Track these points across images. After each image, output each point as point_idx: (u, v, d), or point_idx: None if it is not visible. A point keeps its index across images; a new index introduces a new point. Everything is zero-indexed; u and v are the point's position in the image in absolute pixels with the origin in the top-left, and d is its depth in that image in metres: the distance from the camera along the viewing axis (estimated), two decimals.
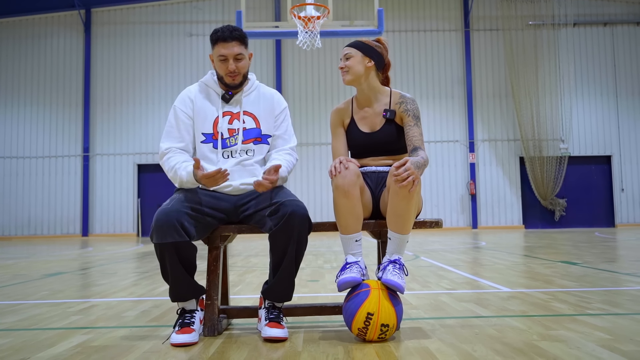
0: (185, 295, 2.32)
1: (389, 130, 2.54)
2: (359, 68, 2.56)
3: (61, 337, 2.40)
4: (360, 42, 2.61)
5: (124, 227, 17.28)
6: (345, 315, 2.22)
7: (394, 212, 2.25)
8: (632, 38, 18.11)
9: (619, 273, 4.40)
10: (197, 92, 2.53)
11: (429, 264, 5.62)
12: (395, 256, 2.28)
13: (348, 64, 2.57)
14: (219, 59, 2.42)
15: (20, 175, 17.56)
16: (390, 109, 2.56)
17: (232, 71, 2.42)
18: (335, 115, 2.68)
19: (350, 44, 2.61)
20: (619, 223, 17.42)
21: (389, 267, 2.24)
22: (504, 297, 3.28)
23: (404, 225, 2.26)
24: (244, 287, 4.02)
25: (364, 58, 2.56)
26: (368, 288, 2.19)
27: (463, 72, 17.87)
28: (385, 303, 2.15)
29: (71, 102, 17.77)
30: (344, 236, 2.33)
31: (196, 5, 18.12)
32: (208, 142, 2.47)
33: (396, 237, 2.28)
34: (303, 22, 9.02)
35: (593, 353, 1.94)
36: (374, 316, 2.12)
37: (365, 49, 2.58)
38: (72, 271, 5.57)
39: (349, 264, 2.29)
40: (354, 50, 2.58)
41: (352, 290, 2.25)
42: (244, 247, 9.30)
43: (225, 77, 2.45)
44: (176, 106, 2.51)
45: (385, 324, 2.14)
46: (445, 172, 17.53)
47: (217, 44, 2.41)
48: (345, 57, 2.59)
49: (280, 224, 2.22)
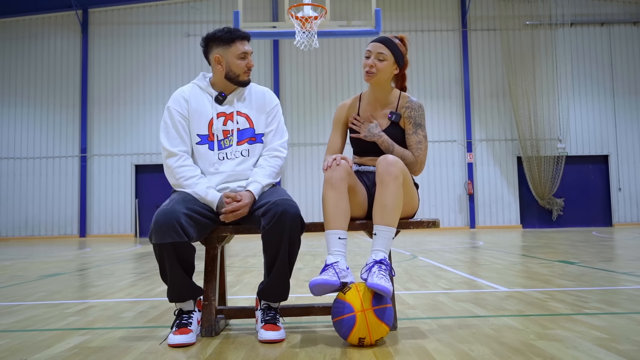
0: (183, 296, 2.32)
1: (393, 132, 2.54)
2: (387, 73, 2.52)
3: (58, 338, 2.40)
4: (394, 44, 2.51)
5: (121, 228, 17.26)
6: (336, 331, 2.18)
7: (379, 202, 2.23)
8: (629, 38, 18.15)
9: (616, 272, 4.41)
10: (190, 93, 2.52)
11: (427, 263, 5.63)
12: (380, 255, 2.18)
13: (380, 66, 2.48)
14: (239, 56, 2.45)
15: (18, 176, 17.53)
16: (396, 112, 2.55)
17: (250, 67, 2.48)
18: (340, 110, 2.68)
19: (386, 43, 2.49)
20: (616, 222, 17.46)
21: (374, 268, 2.14)
22: (501, 297, 3.28)
23: (390, 217, 2.20)
24: (242, 288, 4.02)
25: (394, 64, 2.52)
26: (353, 313, 2.07)
27: (460, 72, 17.89)
28: (373, 323, 2.08)
29: (68, 102, 17.75)
30: (328, 232, 2.26)
31: (193, 6, 18.11)
32: (203, 143, 2.47)
33: (381, 231, 2.21)
34: (300, 22, 9.02)
35: (590, 352, 1.95)
36: (365, 339, 2.10)
37: (397, 54, 2.51)
38: (70, 272, 5.56)
39: (327, 266, 2.17)
40: (388, 52, 2.49)
41: (337, 311, 2.12)
42: (242, 247, 9.29)
43: (243, 75, 2.48)
44: (170, 107, 2.49)
45: (379, 338, 2.14)
46: (443, 172, 17.55)
47: (235, 42, 2.44)
48: (377, 56, 2.49)
49: (272, 223, 2.22)
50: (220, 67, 2.48)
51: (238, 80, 2.49)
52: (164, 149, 2.45)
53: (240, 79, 2.49)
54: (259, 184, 2.40)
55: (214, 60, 2.48)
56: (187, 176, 2.39)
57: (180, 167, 2.41)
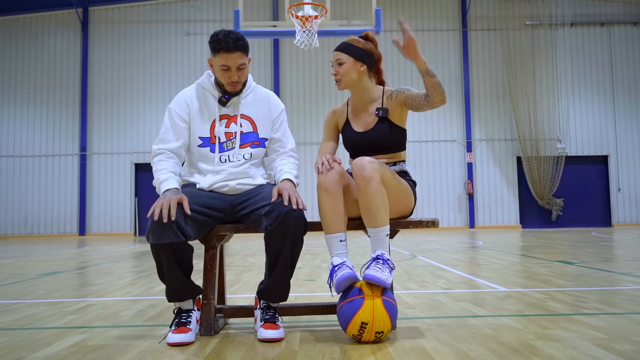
0: (182, 295, 2.32)
1: (382, 128, 2.54)
2: (352, 75, 2.54)
3: (57, 336, 2.40)
4: (350, 45, 2.55)
5: (121, 227, 17.26)
6: (339, 318, 2.21)
7: (362, 207, 2.27)
8: (629, 38, 18.15)
9: (615, 273, 4.42)
10: (193, 95, 2.50)
11: (426, 263, 5.63)
12: (378, 252, 2.25)
13: (341, 71, 2.53)
14: (221, 68, 2.38)
15: (17, 174, 17.52)
16: (382, 107, 2.56)
17: (234, 81, 2.40)
18: (330, 116, 2.72)
19: (341, 49, 2.55)
20: (616, 223, 17.47)
21: (372, 264, 2.22)
22: (500, 297, 3.28)
23: (376, 219, 2.24)
24: (241, 287, 4.02)
25: (356, 63, 2.53)
26: (362, 296, 2.15)
27: (460, 72, 17.89)
28: (379, 311, 2.12)
29: (68, 100, 17.74)
30: (328, 236, 2.31)
31: (194, 4, 18.09)
32: (205, 145, 2.46)
33: (373, 232, 2.27)
34: (301, 21, 9.01)
35: (588, 352, 1.95)
36: (368, 325, 2.12)
37: (356, 53, 2.53)
38: (69, 270, 5.56)
39: (337, 266, 2.24)
40: (344, 55, 2.53)
41: (347, 293, 2.20)
42: (242, 246, 9.29)
43: (228, 86, 2.43)
44: (172, 108, 2.48)
45: (379, 331, 2.14)
46: (442, 171, 17.55)
47: (220, 53, 2.34)
48: (337, 62, 2.54)
49: (276, 224, 2.21)
50: (212, 71, 2.48)
51: (224, 89, 2.47)
52: (153, 152, 2.44)
53: (225, 88, 2.45)
54: (289, 173, 2.41)
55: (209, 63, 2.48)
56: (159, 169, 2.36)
57: (159, 162, 2.39)
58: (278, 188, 2.29)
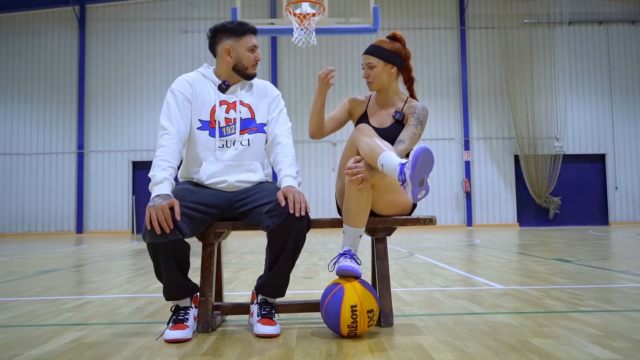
0: (179, 294, 2.32)
1: (396, 129, 2.60)
2: (384, 77, 2.62)
3: (55, 333, 2.40)
4: (378, 47, 2.61)
5: (118, 225, 17.24)
6: (329, 319, 2.21)
7: (345, 205, 2.37)
8: (626, 37, 18.18)
9: (612, 271, 4.43)
10: (195, 78, 2.52)
11: (423, 261, 5.64)
12: (345, 248, 2.37)
13: (372, 74, 2.61)
14: (249, 49, 2.49)
15: (14, 172, 17.49)
16: (401, 111, 2.64)
17: (258, 61, 2.52)
18: (349, 102, 2.77)
19: (371, 52, 2.61)
20: (613, 221, 17.51)
21: (341, 258, 2.33)
22: (497, 294, 3.29)
23: (357, 220, 2.35)
24: (239, 284, 4.02)
25: (386, 65, 2.61)
26: (340, 285, 2.24)
27: (458, 70, 17.90)
28: (362, 291, 2.21)
29: (65, 98, 17.70)
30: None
31: (191, 2, 18.06)
32: (204, 129, 2.46)
33: (350, 230, 2.37)
34: (298, 19, 9.01)
35: (585, 349, 1.95)
36: (357, 306, 2.16)
37: (386, 56, 2.60)
38: (66, 268, 5.56)
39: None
40: (374, 59, 2.60)
41: (325, 292, 2.28)
42: (239, 244, 9.29)
43: (251, 67, 2.52)
44: (174, 89, 2.46)
45: (370, 309, 2.19)
46: (440, 169, 17.57)
47: (246, 34, 2.48)
48: (367, 66, 2.61)
49: (280, 222, 2.21)
50: (230, 58, 2.48)
51: (246, 72, 2.51)
52: (161, 127, 2.39)
53: (248, 71, 2.52)
54: (290, 177, 2.39)
55: (223, 51, 2.48)
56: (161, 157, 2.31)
57: (162, 147, 2.33)
58: (283, 192, 2.27)
